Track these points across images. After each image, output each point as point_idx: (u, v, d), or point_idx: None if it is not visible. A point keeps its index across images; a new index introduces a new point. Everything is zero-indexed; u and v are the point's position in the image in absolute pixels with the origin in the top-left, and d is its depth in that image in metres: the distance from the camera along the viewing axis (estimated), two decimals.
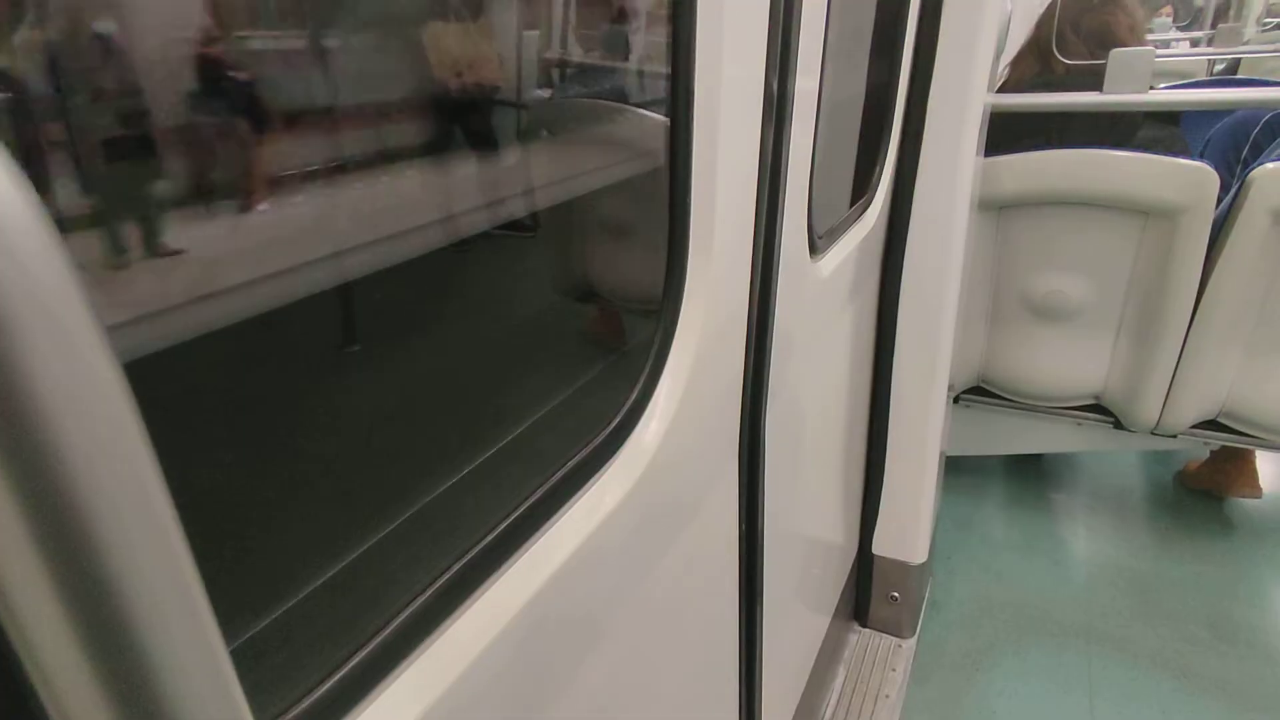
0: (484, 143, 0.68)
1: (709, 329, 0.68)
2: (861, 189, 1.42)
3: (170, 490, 0.22)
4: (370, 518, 0.52)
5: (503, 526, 0.50)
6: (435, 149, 0.60)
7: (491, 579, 0.49)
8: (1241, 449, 2.17)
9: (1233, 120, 2.12)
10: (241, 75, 0.42)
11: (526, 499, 0.52)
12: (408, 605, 0.45)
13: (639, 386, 0.62)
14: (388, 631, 0.43)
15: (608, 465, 0.59)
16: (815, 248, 1.01)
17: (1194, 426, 1.93)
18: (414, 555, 0.49)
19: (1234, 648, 1.81)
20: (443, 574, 0.46)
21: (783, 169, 0.80)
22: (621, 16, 0.80)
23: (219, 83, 0.41)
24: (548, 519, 0.53)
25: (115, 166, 0.38)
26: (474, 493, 0.55)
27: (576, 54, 0.77)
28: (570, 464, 0.56)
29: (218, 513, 0.44)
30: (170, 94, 0.39)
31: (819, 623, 1.49)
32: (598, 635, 0.60)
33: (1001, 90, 1.92)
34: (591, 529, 0.55)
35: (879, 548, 1.74)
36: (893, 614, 1.77)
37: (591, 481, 0.57)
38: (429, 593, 0.46)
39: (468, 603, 0.47)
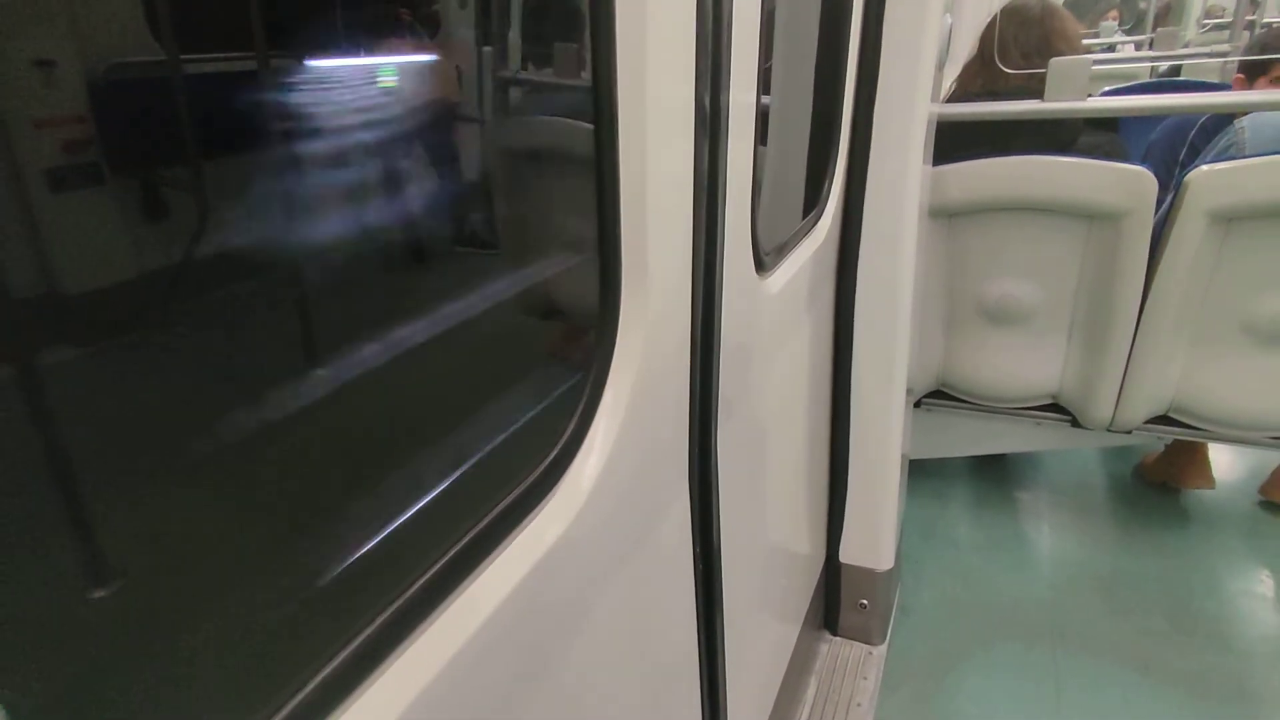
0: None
1: (648, 358, 0.67)
2: (813, 202, 1.44)
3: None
4: (287, 561, 0.50)
5: (433, 570, 0.49)
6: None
7: (423, 624, 0.48)
8: (1194, 442, 2.23)
9: (1171, 124, 2.19)
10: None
11: (458, 540, 0.51)
12: (338, 652, 0.43)
13: (574, 419, 0.61)
14: (319, 679, 0.42)
15: (545, 501, 0.58)
16: (762, 265, 1.02)
17: (1147, 422, 1.98)
18: (343, 605, 0.48)
19: (1192, 638, 1.84)
20: (365, 626, 0.45)
21: (720, 187, 0.79)
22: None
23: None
24: (482, 560, 0.52)
25: None
26: (405, 532, 0.54)
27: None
28: (504, 503, 0.55)
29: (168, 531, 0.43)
30: None
31: (787, 634, 1.49)
32: (544, 669, 0.59)
33: (950, 101, 1.96)
34: (530, 567, 0.55)
35: (846, 556, 1.75)
36: (862, 622, 1.77)
37: (528, 519, 0.56)
38: (359, 639, 0.44)
39: (391, 656, 0.46)
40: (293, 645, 0.45)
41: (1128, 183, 1.69)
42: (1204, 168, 1.69)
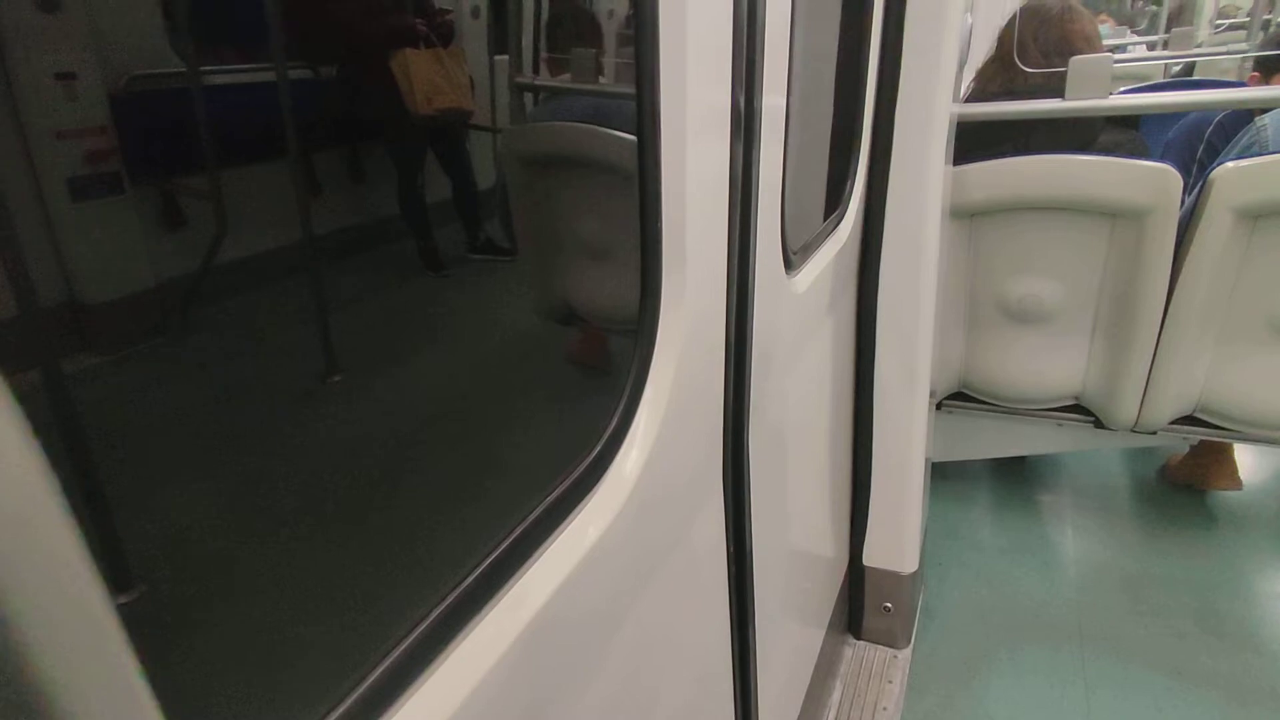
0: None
1: (686, 353, 0.68)
2: (835, 203, 1.44)
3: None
4: (343, 556, 0.50)
5: (482, 568, 0.49)
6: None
7: (473, 621, 0.48)
8: (1221, 442, 2.20)
9: (1188, 122, 2.17)
10: None
11: (505, 538, 0.51)
12: (390, 652, 0.43)
13: (617, 415, 0.61)
14: (372, 679, 0.42)
15: (588, 498, 0.58)
16: (790, 263, 1.02)
17: (1172, 422, 1.96)
18: (392, 601, 0.48)
19: (1222, 641, 1.82)
20: (422, 620, 0.45)
21: (753, 187, 0.80)
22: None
23: None
24: (528, 557, 0.53)
25: None
26: (453, 532, 0.54)
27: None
28: (549, 499, 0.55)
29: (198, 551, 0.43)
30: None
31: (813, 638, 1.48)
32: (588, 668, 0.59)
33: (969, 101, 1.96)
34: (574, 563, 0.55)
35: (870, 559, 1.74)
36: (887, 625, 1.76)
37: (572, 515, 0.56)
38: (411, 639, 0.45)
39: (449, 648, 0.46)
40: (343, 647, 0.45)
41: (1152, 180, 1.68)
42: (1229, 164, 1.68)
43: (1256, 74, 2.31)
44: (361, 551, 0.50)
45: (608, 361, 0.80)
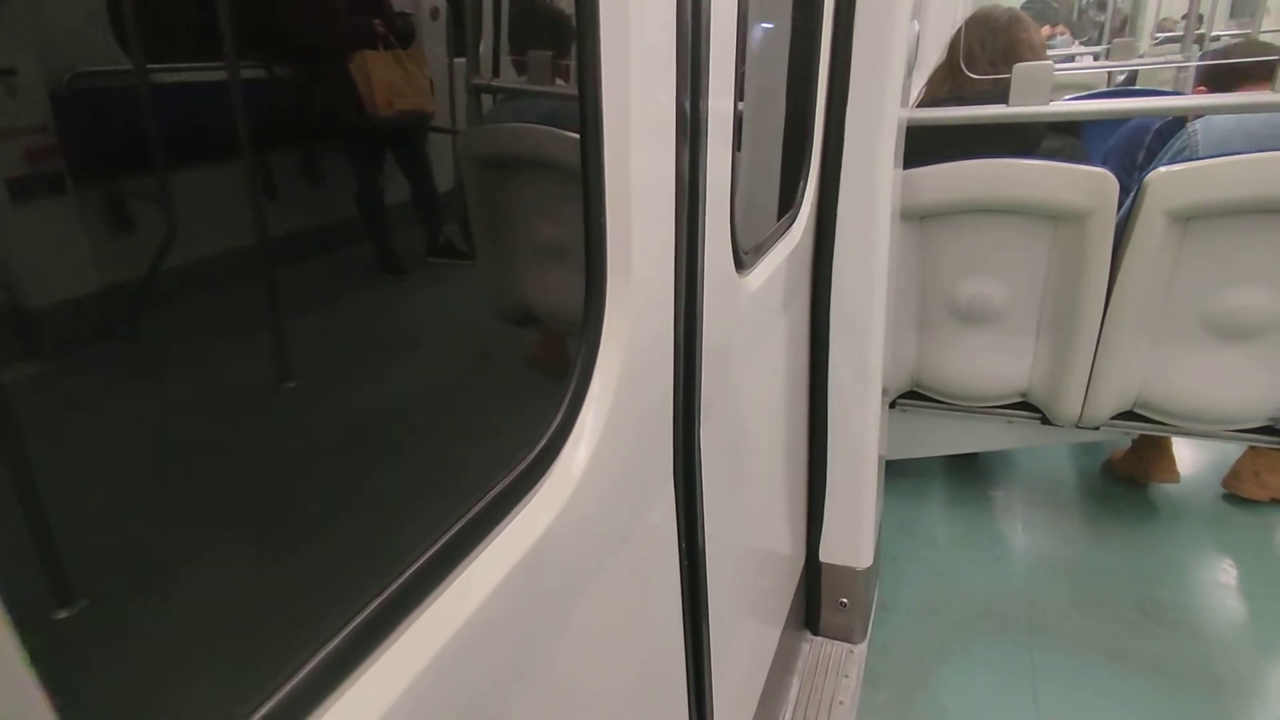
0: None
1: (633, 350, 0.68)
2: (788, 204, 1.46)
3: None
4: (277, 553, 0.49)
5: (422, 560, 0.49)
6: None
7: (413, 614, 0.48)
8: (1159, 437, 2.29)
9: (1128, 130, 2.26)
10: None
11: (446, 530, 0.51)
12: (326, 644, 0.43)
13: (562, 410, 0.61)
14: (307, 670, 0.41)
15: (534, 491, 0.58)
16: (741, 263, 1.03)
17: (1114, 418, 2.03)
18: (329, 592, 0.47)
19: (1162, 628, 1.89)
20: (358, 614, 0.45)
21: (700, 188, 0.81)
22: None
23: None
24: (471, 550, 0.52)
25: None
26: (392, 525, 0.53)
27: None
28: (493, 492, 0.55)
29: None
30: None
31: (770, 634, 1.49)
32: (533, 662, 0.59)
33: (920, 106, 2.01)
34: (520, 556, 0.55)
35: (826, 555, 1.77)
36: (843, 620, 1.79)
37: (518, 509, 0.56)
38: (347, 630, 0.44)
39: (387, 641, 0.46)
40: (283, 636, 0.45)
41: (1090, 184, 1.74)
42: (1161, 169, 1.75)
43: (1202, 88, 2.42)
44: (301, 539, 0.50)
45: (561, 361, 0.80)
